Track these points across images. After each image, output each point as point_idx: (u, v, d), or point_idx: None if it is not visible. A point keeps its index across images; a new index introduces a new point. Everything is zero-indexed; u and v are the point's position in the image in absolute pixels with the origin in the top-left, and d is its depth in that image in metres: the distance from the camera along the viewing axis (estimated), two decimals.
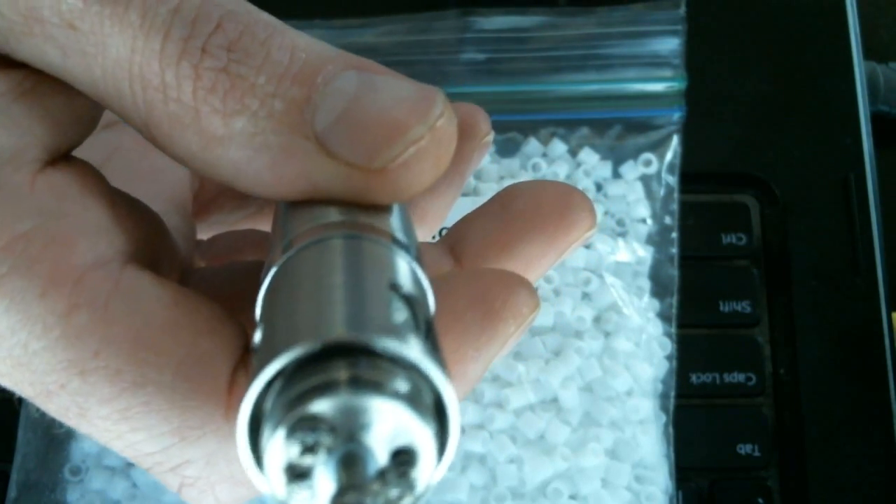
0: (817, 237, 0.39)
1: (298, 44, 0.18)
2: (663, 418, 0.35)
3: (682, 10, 0.38)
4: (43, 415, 0.20)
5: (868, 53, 0.42)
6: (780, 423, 0.37)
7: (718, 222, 0.39)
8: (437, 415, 0.16)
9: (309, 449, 0.15)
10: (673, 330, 0.36)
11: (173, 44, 0.17)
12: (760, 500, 0.36)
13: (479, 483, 0.33)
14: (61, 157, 0.19)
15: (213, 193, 0.27)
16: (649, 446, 0.34)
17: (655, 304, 0.36)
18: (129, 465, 0.33)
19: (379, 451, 0.15)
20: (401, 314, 0.16)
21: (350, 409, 0.15)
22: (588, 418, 0.34)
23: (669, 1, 0.38)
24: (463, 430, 0.33)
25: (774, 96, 0.40)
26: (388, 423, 0.15)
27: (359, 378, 0.15)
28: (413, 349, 0.15)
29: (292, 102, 0.17)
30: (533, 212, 0.21)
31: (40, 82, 0.18)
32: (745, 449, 0.36)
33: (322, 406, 0.15)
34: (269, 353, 0.15)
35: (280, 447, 0.15)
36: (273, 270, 0.17)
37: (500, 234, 0.21)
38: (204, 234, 0.26)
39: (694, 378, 0.37)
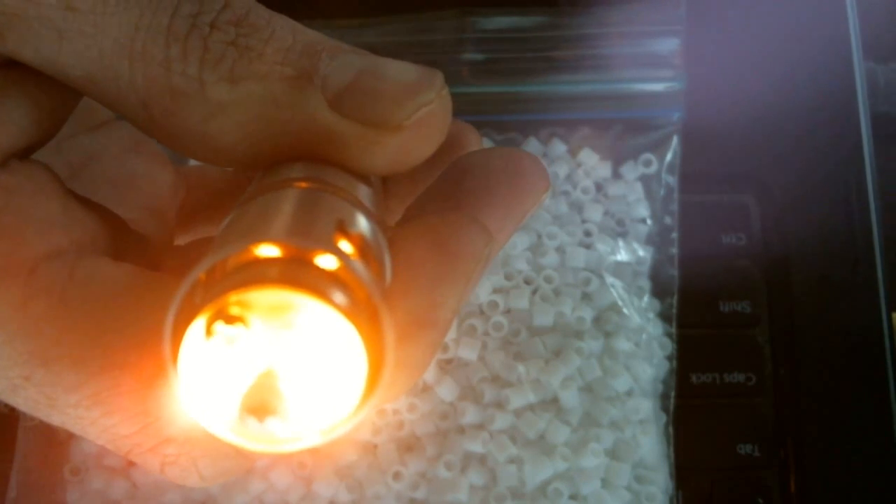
0: (817, 237, 0.39)
1: (298, 27, 0.19)
2: (663, 418, 0.35)
3: (682, 10, 0.38)
4: None
5: (868, 53, 0.42)
6: (780, 424, 0.37)
7: (718, 222, 0.39)
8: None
9: (229, 340, 0.15)
10: (673, 330, 0.36)
11: (182, 20, 0.18)
12: (760, 500, 0.36)
13: (479, 483, 0.33)
14: (16, 159, 0.19)
15: (200, 203, 0.27)
16: (649, 446, 0.34)
17: (655, 304, 0.36)
18: (130, 464, 0.33)
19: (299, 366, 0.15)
20: (345, 245, 0.16)
21: (279, 304, 0.15)
22: (588, 418, 0.34)
23: (669, 1, 0.38)
24: (463, 430, 0.33)
25: (774, 96, 0.40)
26: (317, 334, 0.15)
27: (292, 277, 0.15)
28: (354, 265, 0.15)
29: (301, 69, 0.18)
30: (485, 188, 0.21)
31: (2, 87, 0.18)
32: (745, 449, 0.36)
33: (249, 297, 0.14)
34: (204, 257, 0.15)
35: (198, 334, 0.15)
36: (233, 213, 0.17)
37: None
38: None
39: (694, 378, 0.37)
